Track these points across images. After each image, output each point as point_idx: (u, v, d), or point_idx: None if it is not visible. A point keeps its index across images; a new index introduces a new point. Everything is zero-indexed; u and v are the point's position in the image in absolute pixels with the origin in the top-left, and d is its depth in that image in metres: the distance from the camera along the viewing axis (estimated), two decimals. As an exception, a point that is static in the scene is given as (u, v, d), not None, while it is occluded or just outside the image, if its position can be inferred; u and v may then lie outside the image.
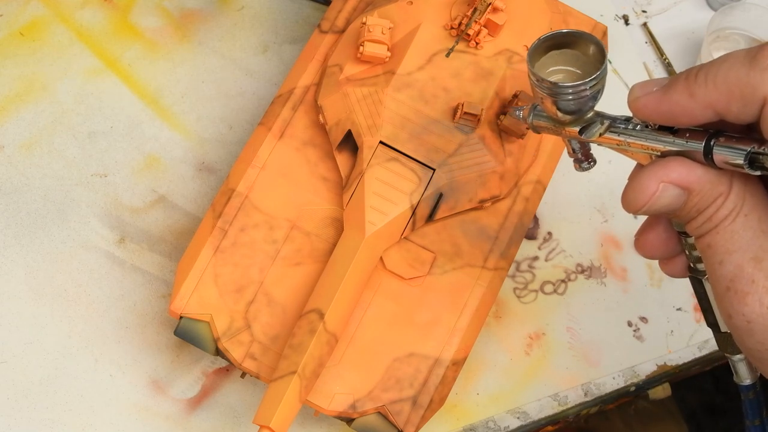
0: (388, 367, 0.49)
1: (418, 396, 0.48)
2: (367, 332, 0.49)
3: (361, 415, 0.48)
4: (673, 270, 0.40)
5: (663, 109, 0.35)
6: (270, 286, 0.49)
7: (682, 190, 0.34)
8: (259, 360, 0.48)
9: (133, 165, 0.57)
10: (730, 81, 0.32)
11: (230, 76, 0.60)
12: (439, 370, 0.49)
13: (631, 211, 0.36)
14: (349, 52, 0.52)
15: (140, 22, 0.61)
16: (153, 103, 0.59)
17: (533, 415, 0.55)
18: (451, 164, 0.50)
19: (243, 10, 0.62)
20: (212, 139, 0.58)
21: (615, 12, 0.67)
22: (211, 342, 0.48)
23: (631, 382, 0.57)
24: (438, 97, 0.51)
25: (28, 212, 0.55)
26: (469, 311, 0.50)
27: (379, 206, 0.48)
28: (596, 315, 0.58)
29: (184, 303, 0.49)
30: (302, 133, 0.52)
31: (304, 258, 0.50)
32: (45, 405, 0.52)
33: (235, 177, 0.51)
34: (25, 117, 0.57)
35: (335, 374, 0.48)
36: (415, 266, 0.50)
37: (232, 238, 0.50)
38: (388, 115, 0.50)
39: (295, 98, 0.53)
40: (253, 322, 0.49)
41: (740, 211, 0.34)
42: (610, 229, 0.60)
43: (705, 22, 0.65)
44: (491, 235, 0.51)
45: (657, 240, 0.39)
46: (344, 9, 0.56)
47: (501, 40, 0.53)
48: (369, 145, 0.50)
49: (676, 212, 0.35)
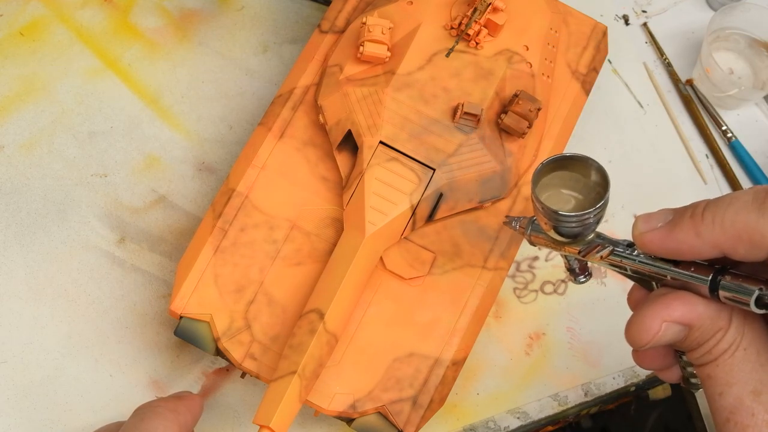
0: (388, 367, 0.49)
1: (418, 396, 0.48)
2: (367, 332, 0.49)
3: (362, 415, 0.48)
4: (669, 377, 0.41)
5: (669, 246, 0.35)
6: (270, 286, 0.49)
7: (683, 326, 0.35)
8: (259, 360, 0.48)
9: (133, 165, 0.57)
10: (737, 225, 0.33)
11: (230, 76, 0.60)
12: (439, 370, 0.49)
13: (635, 347, 0.37)
14: (349, 52, 0.52)
15: (140, 22, 0.61)
16: (153, 103, 0.59)
17: (533, 415, 0.55)
18: (451, 164, 0.50)
19: (243, 10, 0.62)
20: (212, 139, 0.58)
21: (615, 12, 0.67)
22: (211, 342, 0.48)
23: (631, 382, 0.57)
24: (438, 97, 0.51)
25: (28, 212, 0.55)
26: (469, 311, 0.50)
27: (379, 206, 0.48)
28: (596, 315, 0.58)
29: (184, 303, 0.49)
30: (302, 133, 0.52)
31: (304, 258, 0.50)
32: (45, 405, 0.52)
33: (235, 177, 0.51)
34: (25, 117, 0.57)
35: (335, 374, 0.48)
36: (415, 266, 0.50)
37: (232, 238, 0.50)
38: (388, 115, 0.50)
39: (295, 98, 0.53)
40: (253, 322, 0.49)
41: (739, 345, 0.35)
42: (610, 230, 0.60)
43: (705, 22, 0.65)
44: (491, 235, 0.51)
45: (656, 356, 0.40)
46: (344, 9, 0.56)
47: (501, 40, 0.53)
48: (369, 145, 0.50)
49: (676, 344, 0.36)
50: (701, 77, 0.65)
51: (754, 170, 0.64)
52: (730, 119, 0.65)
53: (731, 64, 0.67)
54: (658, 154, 0.62)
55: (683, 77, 0.66)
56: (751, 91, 0.64)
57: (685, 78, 0.66)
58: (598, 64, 0.57)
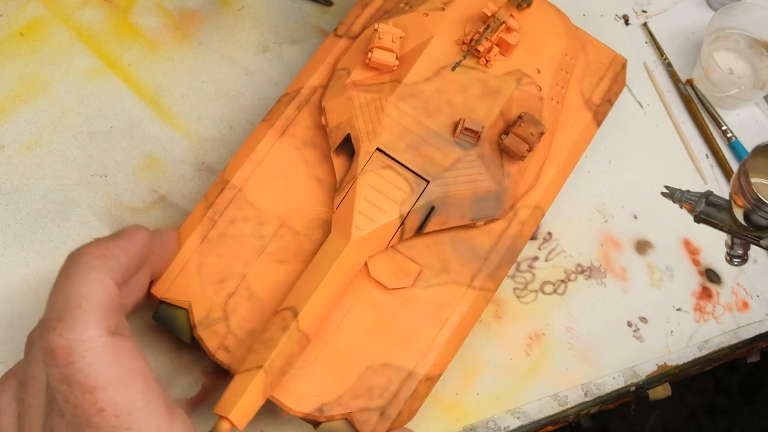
0: (360, 374, 0.48)
1: (387, 407, 0.48)
2: (344, 337, 0.49)
3: (328, 419, 0.47)
4: None
5: None
6: (252, 281, 0.49)
7: None
8: (232, 352, 0.48)
9: (133, 165, 0.57)
10: None
11: (230, 76, 0.60)
12: (412, 384, 0.48)
13: None
14: (358, 58, 0.52)
15: (140, 22, 0.61)
16: (153, 103, 0.59)
17: (533, 415, 0.55)
18: (446, 178, 0.49)
19: (243, 10, 0.62)
20: (212, 139, 0.58)
21: (615, 12, 0.67)
22: (188, 329, 0.48)
23: (631, 382, 0.57)
24: (441, 110, 0.50)
25: (28, 212, 0.55)
26: (449, 328, 0.50)
27: (367, 212, 0.48)
28: (596, 315, 0.58)
29: (166, 287, 0.49)
30: (304, 133, 0.52)
31: (289, 256, 0.50)
32: (45, 405, 0.52)
33: (231, 169, 0.51)
34: (25, 117, 0.57)
35: (307, 375, 0.48)
36: (400, 277, 0.50)
37: (220, 229, 0.50)
38: (389, 122, 0.50)
39: (301, 98, 0.53)
40: (231, 314, 0.49)
41: None
42: (610, 230, 0.60)
43: (705, 22, 0.65)
44: (482, 255, 0.51)
45: None
46: (362, 15, 0.56)
47: (512, 60, 0.52)
48: (366, 151, 0.49)
49: None
50: (701, 77, 0.65)
51: (754, 170, 0.64)
52: (730, 119, 0.65)
53: (731, 64, 0.67)
54: (658, 154, 0.63)
55: (683, 77, 0.66)
56: (751, 91, 0.64)
57: (685, 78, 0.66)
58: (614, 96, 0.57)
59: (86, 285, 0.38)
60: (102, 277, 0.38)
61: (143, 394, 0.37)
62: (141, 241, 0.42)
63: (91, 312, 0.37)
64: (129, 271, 0.41)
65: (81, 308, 0.37)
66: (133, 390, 0.37)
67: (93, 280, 0.38)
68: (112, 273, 0.39)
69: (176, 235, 0.49)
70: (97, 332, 0.37)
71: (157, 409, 0.37)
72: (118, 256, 0.40)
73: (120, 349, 0.37)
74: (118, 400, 0.36)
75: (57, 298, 0.38)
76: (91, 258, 0.39)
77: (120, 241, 0.41)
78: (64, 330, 0.36)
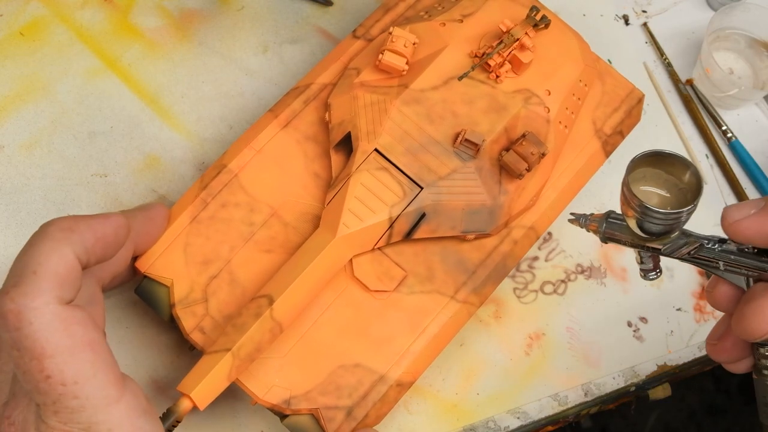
0: (331, 372, 0.48)
1: (354, 408, 0.48)
2: (320, 333, 0.49)
3: (294, 413, 0.47)
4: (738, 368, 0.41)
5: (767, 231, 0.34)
6: (236, 266, 0.49)
7: None
8: (207, 335, 0.48)
9: (133, 165, 0.57)
10: None
11: (230, 76, 0.60)
12: (382, 387, 0.48)
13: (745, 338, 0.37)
14: (369, 59, 0.53)
15: (140, 22, 0.61)
16: (153, 103, 0.59)
17: (533, 415, 0.55)
18: (440, 187, 0.49)
19: (243, 10, 0.62)
20: (212, 139, 0.58)
21: (615, 12, 0.67)
22: (167, 307, 0.49)
23: (631, 382, 0.57)
24: (444, 120, 0.50)
25: (28, 212, 0.55)
26: (426, 337, 0.49)
27: (357, 211, 0.48)
28: (596, 315, 0.58)
29: (150, 262, 0.49)
30: (307, 128, 0.53)
31: (275, 247, 0.50)
32: (45, 405, 0.52)
33: (230, 154, 0.52)
34: (25, 117, 0.57)
35: (278, 366, 0.48)
36: (383, 280, 0.50)
37: (211, 211, 0.50)
38: (390, 125, 0.50)
39: (309, 93, 0.53)
40: (211, 296, 0.49)
41: None
42: (610, 229, 0.60)
43: (705, 22, 0.65)
44: (469, 268, 0.51)
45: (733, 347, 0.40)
46: (382, 20, 0.56)
47: (524, 78, 0.52)
48: (363, 150, 0.50)
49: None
50: (701, 77, 0.65)
51: (754, 170, 0.64)
52: (730, 119, 0.65)
53: (731, 64, 0.67)
54: (658, 154, 0.63)
55: (683, 77, 0.66)
56: (751, 91, 0.64)
57: (685, 78, 0.66)
58: (626, 128, 0.56)
59: (45, 254, 0.38)
60: (62, 248, 0.38)
61: (91, 364, 0.37)
62: (113, 225, 0.42)
63: (45, 280, 0.37)
64: (95, 250, 0.41)
65: (36, 274, 0.37)
66: (80, 359, 0.37)
67: (52, 250, 0.38)
68: (74, 246, 0.39)
69: (166, 212, 0.49)
70: (48, 299, 0.37)
71: (105, 380, 0.38)
72: (83, 232, 0.40)
73: (71, 319, 0.37)
74: (64, 368, 0.36)
75: (17, 264, 0.38)
76: (56, 230, 0.39)
77: (91, 220, 0.41)
78: (16, 295, 0.36)
